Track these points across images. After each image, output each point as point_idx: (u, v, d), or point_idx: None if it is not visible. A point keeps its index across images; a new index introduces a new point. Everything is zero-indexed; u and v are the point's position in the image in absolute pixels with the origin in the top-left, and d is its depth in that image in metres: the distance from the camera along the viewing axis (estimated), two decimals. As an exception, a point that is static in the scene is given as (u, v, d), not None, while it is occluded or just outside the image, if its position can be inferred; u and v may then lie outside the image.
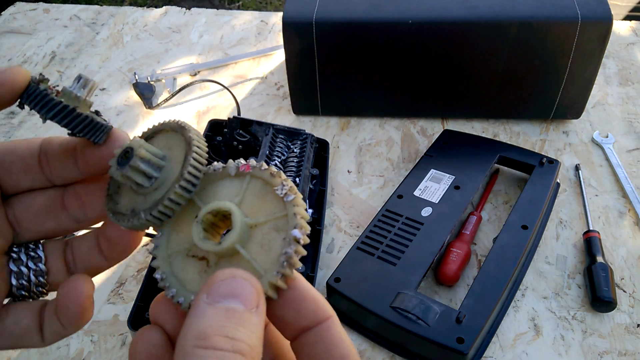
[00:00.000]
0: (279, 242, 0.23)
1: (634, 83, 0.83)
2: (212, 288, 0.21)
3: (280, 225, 0.23)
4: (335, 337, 0.23)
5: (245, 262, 0.23)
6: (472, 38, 0.67)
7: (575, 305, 0.55)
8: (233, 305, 0.20)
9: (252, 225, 0.24)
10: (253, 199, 0.24)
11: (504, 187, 0.67)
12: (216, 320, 0.19)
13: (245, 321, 0.20)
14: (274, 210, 0.24)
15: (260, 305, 0.21)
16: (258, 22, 1.00)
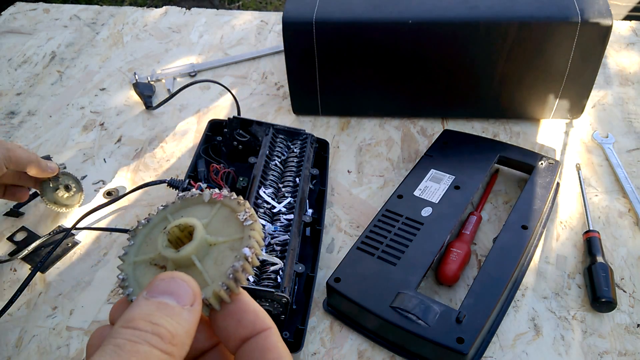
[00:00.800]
0: (230, 259, 0.25)
1: (633, 83, 0.83)
2: (152, 285, 0.22)
3: (235, 245, 0.26)
4: (271, 345, 0.24)
5: (198, 273, 0.25)
6: (472, 38, 0.67)
7: (575, 305, 0.55)
8: (166, 300, 0.22)
9: (211, 242, 0.26)
10: (219, 223, 0.27)
11: (504, 187, 0.67)
12: (146, 309, 0.21)
13: (175, 314, 0.21)
14: (233, 232, 0.27)
15: (195, 305, 0.22)
16: (258, 22, 1.00)
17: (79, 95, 0.85)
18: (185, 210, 0.29)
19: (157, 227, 0.28)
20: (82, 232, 0.64)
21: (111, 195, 0.68)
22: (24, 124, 0.80)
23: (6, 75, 0.89)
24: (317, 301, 0.56)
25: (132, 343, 0.20)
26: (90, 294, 0.57)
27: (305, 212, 0.60)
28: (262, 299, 0.47)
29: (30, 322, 0.55)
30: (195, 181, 0.61)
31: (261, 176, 0.60)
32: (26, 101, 0.84)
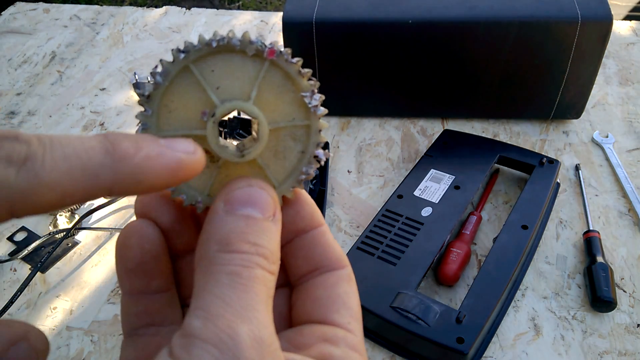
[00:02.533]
0: (295, 154, 0.21)
1: (634, 83, 0.83)
2: (230, 196, 0.20)
3: (298, 135, 0.21)
4: (331, 240, 0.23)
5: (258, 168, 0.21)
6: (472, 38, 0.67)
7: (575, 305, 0.55)
8: (252, 213, 0.20)
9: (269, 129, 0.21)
10: (270, 94, 0.21)
11: (504, 187, 0.67)
12: (237, 227, 0.19)
13: (265, 229, 0.19)
14: (294, 115, 0.21)
15: (277, 214, 0.20)
16: (258, 22, 1.00)
17: (79, 95, 0.85)
18: (214, 60, 0.20)
19: (178, 83, 0.20)
20: (82, 232, 0.64)
21: (111, 195, 0.68)
22: (24, 124, 0.80)
23: (6, 75, 0.89)
24: (317, 301, 0.56)
25: (247, 269, 0.18)
26: (91, 294, 0.57)
27: (305, 212, 0.60)
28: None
29: (30, 322, 0.55)
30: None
31: (261, 176, 0.60)
32: (26, 101, 0.84)
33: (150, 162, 0.16)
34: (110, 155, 0.16)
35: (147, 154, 0.16)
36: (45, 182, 0.14)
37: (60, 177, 0.15)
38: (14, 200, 0.14)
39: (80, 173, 0.15)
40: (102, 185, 0.16)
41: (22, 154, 0.14)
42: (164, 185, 0.17)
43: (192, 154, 0.18)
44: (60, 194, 0.15)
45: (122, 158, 0.16)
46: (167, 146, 0.17)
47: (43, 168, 0.14)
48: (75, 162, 0.15)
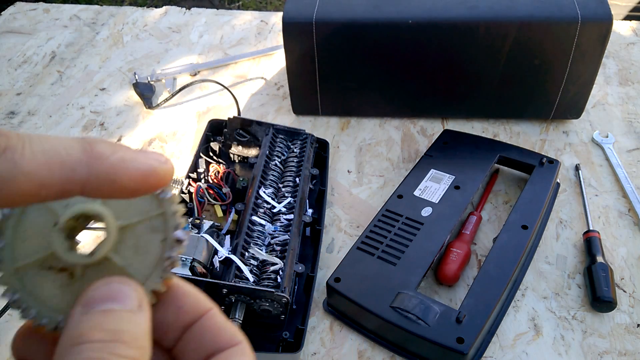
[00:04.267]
0: (157, 245, 0.21)
1: (634, 83, 0.83)
2: (86, 298, 0.19)
3: (156, 225, 0.21)
4: (222, 322, 0.21)
5: (119, 269, 0.20)
6: (472, 38, 0.67)
7: (575, 305, 0.55)
8: (111, 306, 0.18)
9: (123, 226, 0.21)
10: None
11: (504, 187, 0.67)
12: (92, 321, 0.18)
13: (127, 319, 0.18)
14: (147, 208, 0.21)
15: (143, 305, 0.19)
16: (258, 22, 1.00)
17: (79, 95, 0.85)
18: None
19: (28, 212, 0.20)
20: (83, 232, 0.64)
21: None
22: (24, 124, 0.80)
23: (6, 75, 0.89)
24: (317, 301, 0.56)
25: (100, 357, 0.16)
26: (90, 294, 0.57)
27: (305, 212, 0.60)
28: (262, 299, 0.47)
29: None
30: (195, 181, 0.61)
31: (261, 176, 0.60)
32: (26, 101, 0.84)
33: (124, 164, 0.17)
34: (87, 153, 0.16)
35: (122, 156, 0.17)
36: (23, 170, 0.15)
37: (37, 168, 0.15)
38: None
39: (58, 166, 0.16)
40: (77, 180, 0.16)
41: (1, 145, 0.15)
42: (135, 189, 0.17)
43: (163, 163, 0.18)
44: (36, 184, 0.15)
45: (98, 157, 0.16)
46: (140, 153, 0.18)
47: (22, 158, 0.15)
48: (54, 155, 0.16)
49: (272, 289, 0.47)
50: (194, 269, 0.50)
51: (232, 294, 0.47)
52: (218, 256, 0.52)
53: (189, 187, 0.60)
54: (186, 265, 0.50)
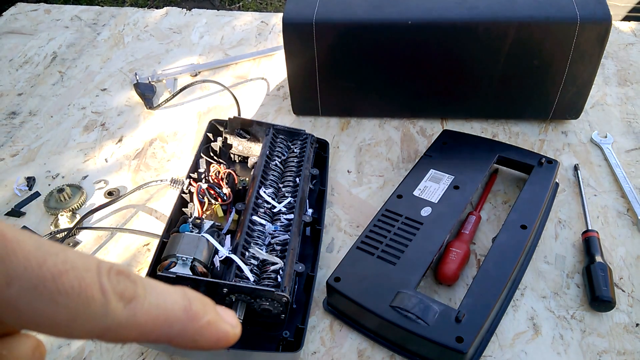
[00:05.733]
0: None
1: (632, 83, 0.83)
2: None
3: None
4: None
5: None
6: (471, 38, 0.68)
7: (574, 304, 0.55)
8: None
9: None
10: None
11: (503, 187, 0.68)
12: None
13: None
14: None
15: None
16: (258, 23, 1.00)
17: (80, 96, 0.85)
18: None
19: None
20: (83, 232, 0.64)
21: (112, 195, 0.68)
22: (25, 124, 0.80)
23: (7, 76, 0.90)
24: (317, 300, 0.56)
25: None
26: (92, 294, 0.58)
27: (305, 212, 0.60)
28: (263, 299, 0.47)
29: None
30: (196, 181, 0.61)
31: (261, 176, 0.60)
32: (27, 101, 0.84)
33: (209, 327, 0.18)
34: (187, 313, 0.18)
35: (209, 319, 0.18)
36: (137, 321, 0.16)
37: (147, 321, 0.17)
38: (109, 328, 0.16)
39: (162, 321, 0.17)
40: (170, 335, 0.18)
41: (131, 293, 0.16)
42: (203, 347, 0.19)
43: (235, 327, 0.19)
44: (140, 333, 0.17)
45: (194, 318, 0.18)
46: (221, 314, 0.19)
47: (141, 309, 0.16)
48: (162, 312, 0.17)
49: (273, 288, 0.47)
50: (195, 269, 0.50)
51: (233, 293, 0.47)
52: (218, 256, 0.52)
53: (189, 187, 0.61)
54: (187, 264, 0.50)
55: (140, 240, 0.63)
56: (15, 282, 0.15)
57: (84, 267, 0.16)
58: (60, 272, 0.15)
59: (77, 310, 0.15)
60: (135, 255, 0.61)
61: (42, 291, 0.15)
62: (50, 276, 0.15)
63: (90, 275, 0.16)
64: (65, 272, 0.15)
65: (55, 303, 0.15)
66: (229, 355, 0.49)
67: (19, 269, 0.15)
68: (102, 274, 0.16)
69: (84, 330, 0.16)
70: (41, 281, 0.15)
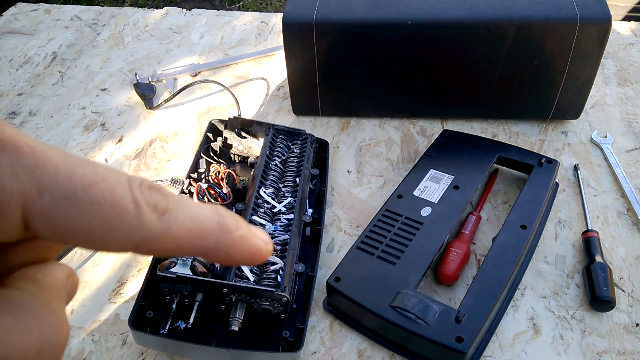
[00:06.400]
0: None
1: (632, 83, 0.83)
2: None
3: None
4: None
5: None
6: (471, 39, 0.68)
7: (574, 304, 0.55)
8: None
9: None
10: None
11: (503, 187, 0.68)
12: None
13: None
14: None
15: None
16: (258, 23, 1.00)
17: (80, 96, 0.85)
18: None
19: None
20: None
21: (112, 195, 0.68)
22: (25, 124, 0.80)
23: (7, 76, 0.90)
24: (317, 300, 0.56)
25: None
26: (92, 294, 0.58)
27: (305, 212, 0.60)
28: (263, 299, 0.47)
29: (31, 321, 0.55)
30: (196, 181, 0.61)
31: (261, 176, 0.60)
32: (27, 101, 0.84)
33: (242, 241, 0.19)
34: (220, 227, 0.18)
35: (242, 234, 0.19)
36: (172, 233, 0.17)
37: (182, 233, 0.17)
38: (145, 239, 0.16)
39: (196, 234, 0.17)
40: (206, 248, 0.18)
41: (163, 205, 0.17)
42: (236, 264, 0.19)
43: (267, 244, 0.19)
44: (175, 246, 0.17)
45: (227, 231, 0.18)
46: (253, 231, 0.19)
47: (176, 221, 0.17)
48: (196, 224, 0.17)
49: (273, 288, 0.47)
50: (195, 269, 0.50)
51: (233, 293, 0.47)
52: (218, 256, 0.52)
53: (189, 187, 0.61)
54: (187, 264, 0.50)
55: (140, 240, 0.63)
56: (47, 192, 0.15)
57: (115, 180, 0.16)
58: (90, 183, 0.15)
59: (111, 221, 0.16)
60: (135, 255, 0.61)
61: (74, 201, 0.15)
62: (81, 186, 0.15)
63: (121, 187, 0.16)
64: (96, 183, 0.15)
65: (88, 213, 0.15)
66: (229, 355, 0.49)
67: (49, 179, 0.15)
68: (133, 186, 0.16)
69: (119, 242, 0.16)
70: (72, 191, 0.15)
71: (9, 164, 0.15)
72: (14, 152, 0.15)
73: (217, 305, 0.48)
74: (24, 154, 0.15)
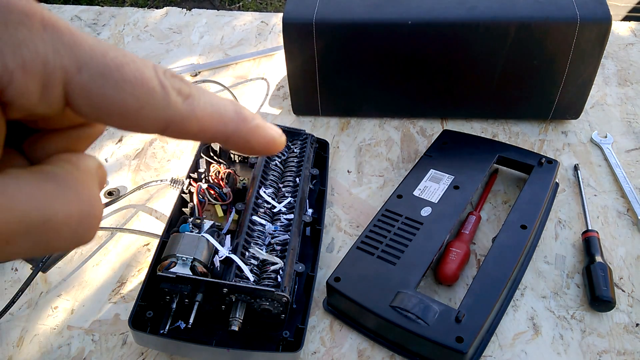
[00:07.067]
0: None
1: (632, 83, 0.83)
2: None
3: None
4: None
5: None
6: (471, 39, 0.68)
7: (574, 304, 0.55)
8: None
9: None
10: None
11: (503, 187, 0.68)
12: None
13: None
14: None
15: None
16: (258, 23, 1.00)
17: (80, 96, 0.85)
18: None
19: None
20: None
21: (112, 195, 0.68)
22: (25, 124, 0.80)
23: (7, 76, 0.90)
24: (317, 300, 0.56)
25: None
26: (92, 294, 0.58)
27: (305, 211, 0.60)
28: (263, 299, 0.47)
29: (31, 321, 0.55)
30: (196, 181, 0.61)
31: (261, 176, 0.60)
32: (27, 101, 0.84)
33: (258, 130, 0.20)
34: (238, 114, 0.20)
35: (258, 124, 0.20)
36: (196, 115, 0.18)
37: (204, 116, 0.19)
38: (173, 120, 0.18)
39: (218, 118, 0.19)
40: (225, 133, 0.19)
41: (187, 91, 0.18)
42: (254, 152, 0.21)
43: (281, 136, 0.21)
44: (200, 128, 0.19)
45: (245, 119, 0.20)
46: (268, 124, 0.21)
47: (198, 105, 0.18)
48: (217, 110, 0.19)
49: (273, 288, 0.47)
50: (195, 269, 0.50)
51: (233, 293, 0.47)
52: (218, 256, 0.52)
53: (189, 187, 0.61)
54: (187, 264, 0.50)
55: (140, 240, 0.63)
56: (85, 68, 0.16)
57: (142, 64, 0.17)
58: (122, 63, 0.17)
59: (142, 99, 0.17)
60: (135, 255, 0.61)
61: (109, 78, 0.16)
62: (114, 65, 0.16)
63: (148, 71, 0.17)
64: (127, 64, 0.17)
65: (122, 90, 0.17)
66: (229, 355, 0.49)
67: (86, 57, 0.16)
68: (159, 72, 0.18)
69: (150, 120, 0.17)
70: (107, 68, 0.16)
71: (51, 41, 0.16)
72: (55, 31, 0.16)
73: (217, 305, 0.48)
74: (63, 33, 0.16)
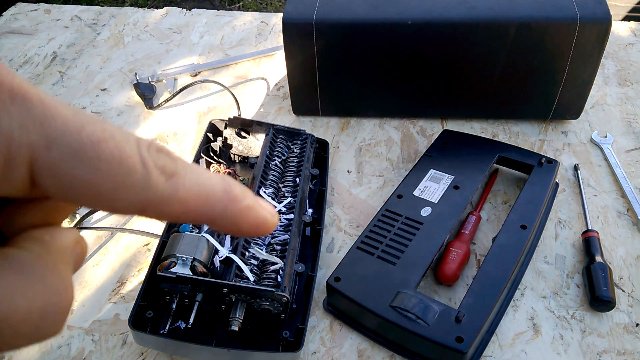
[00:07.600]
0: None
1: (632, 83, 0.83)
2: None
3: None
4: None
5: None
6: (471, 38, 0.68)
7: (574, 304, 0.55)
8: None
9: None
10: None
11: (503, 187, 0.68)
12: None
13: None
14: None
15: None
16: (258, 23, 1.00)
17: (80, 96, 0.85)
18: None
19: None
20: (83, 232, 0.64)
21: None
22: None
23: (7, 76, 0.90)
24: (317, 300, 0.56)
25: None
26: (92, 294, 0.58)
27: (305, 211, 0.60)
28: (263, 299, 0.47)
29: (31, 321, 0.55)
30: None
31: (261, 176, 0.60)
32: (27, 101, 0.84)
33: (248, 212, 0.18)
34: (227, 194, 0.18)
35: (248, 203, 0.18)
36: (179, 197, 0.17)
37: (189, 198, 0.17)
38: (152, 202, 0.16)
39: (204, 199, 0.17)
40: (212, 215, 0.18)
41: (172, 168, 0.16)
42: (242, 234, 0.19)
43: (273, 216, 0.19)
44: (182, 210, 0.17)
45: (234, 199, 0.18)
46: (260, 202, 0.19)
47: (183, 186, 0.17)
48: (203, 190, 0.17)
49: (273, 288, 0.47)
50: (195, 269, 0.50)
51: (233, 293, 0.47)
52: (218, 255, 0.53)
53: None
54: (187, 264, 0.50)
55: (140, 240, 0.63)
56: (55, 146, 0.14)
57: (124, 138, 0.16)
58: (99, 140, 0.15)
59: (119, 180, 0.15)
60: (135, 255, 0.61)
61: (83, 157, 0.15)
62: (90, 142, 0.15)
63: (130, 147, 0.16)
64: (105, 140, 0.15)
65: (96, 170, 0.15)
66: (229, 355, 0.49)
67: (58, 133, 0.15)
68: (142, 147, 0.16)
69: (126, 202, 0.16)
70: (81, 146, 0.15)
71: (18, 115, 0.14)
72: (24, 103, 0.14)
73: (217, 305, 0.48)
74: (33, 105, 0.14)
